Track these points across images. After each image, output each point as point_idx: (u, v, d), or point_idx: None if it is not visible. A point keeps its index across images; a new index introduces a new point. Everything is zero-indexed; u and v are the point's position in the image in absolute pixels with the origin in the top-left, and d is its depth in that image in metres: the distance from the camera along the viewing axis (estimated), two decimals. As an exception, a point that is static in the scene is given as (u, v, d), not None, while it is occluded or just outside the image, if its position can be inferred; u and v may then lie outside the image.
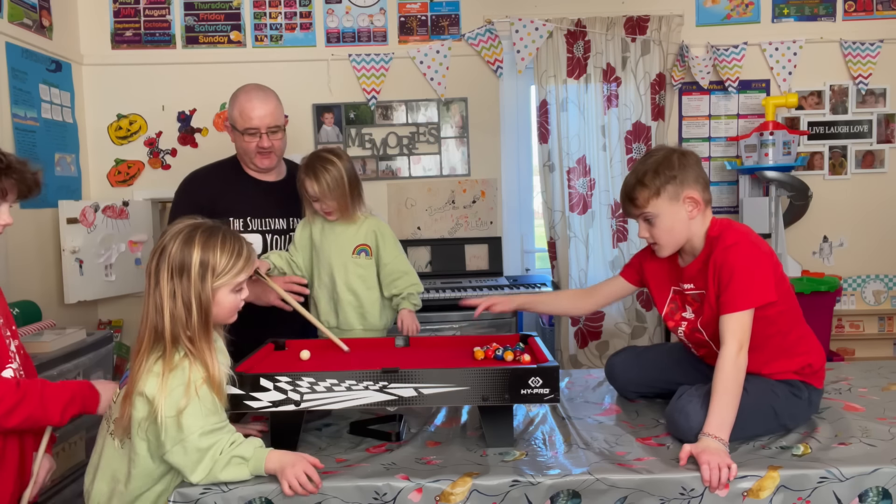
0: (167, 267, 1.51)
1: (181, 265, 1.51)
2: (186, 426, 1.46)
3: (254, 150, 2.35)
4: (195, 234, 1.54)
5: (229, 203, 2.34)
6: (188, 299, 1.50)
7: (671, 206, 1.77)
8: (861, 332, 3.91)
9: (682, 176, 1.76)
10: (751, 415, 1.70)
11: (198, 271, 1.51)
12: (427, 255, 3.79)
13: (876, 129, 3.84)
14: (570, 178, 3.73)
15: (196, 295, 1.51)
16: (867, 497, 1.51)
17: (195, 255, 1.51)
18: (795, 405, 1.76)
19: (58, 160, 3.35)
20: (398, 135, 3.81)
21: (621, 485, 1.50)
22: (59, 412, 1.59)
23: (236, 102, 2.35)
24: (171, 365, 1.49)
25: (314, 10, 3.75)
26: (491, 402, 1.62)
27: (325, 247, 2.24)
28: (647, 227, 1.82)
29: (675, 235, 1.80)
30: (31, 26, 3.17)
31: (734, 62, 3.73)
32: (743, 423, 1.69)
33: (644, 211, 1.79)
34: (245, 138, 2.35)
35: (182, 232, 1.54)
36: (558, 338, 3.74)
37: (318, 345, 2.03)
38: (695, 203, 1.77)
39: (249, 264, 1.59)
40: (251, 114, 2.32)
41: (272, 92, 2.41)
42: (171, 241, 1.53)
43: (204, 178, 2.50)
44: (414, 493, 1.49)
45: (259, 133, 2.33)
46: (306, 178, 2.18)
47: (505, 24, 3.71)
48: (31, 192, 1.65)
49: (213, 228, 1.57)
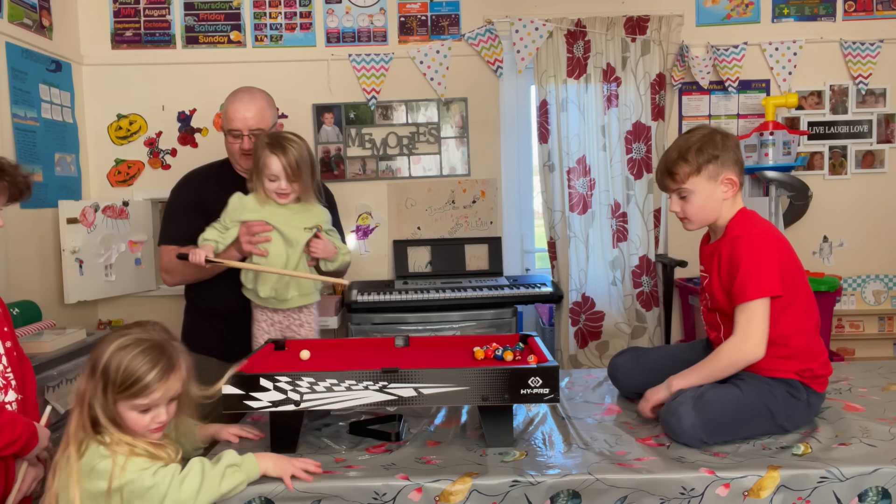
0: (90, 362, 1.48)
1: (93, 365, 1.47)
2: (157, 484, 1.40)
3: (237, 151, 2.35)
4: (120, 337, 1.48)
5: (220, 204, 2.28)
6: (96, 400, 1.45)
7: (708, 185, 1.81)
8: (861, 332, 3.91)
9: (723, 157, 1.81)
10: (747, 415, 1.70)
11: (100, 376, 1.45)
12: (427, 255, 3.79)
13: (876, 129, 3.84)
14: (570, 178, 3.73)
15: (102, 401, 1.45)
16: (867, 497, 1.51)
17: (103, 358, 1.46)
18: (793, 406, 1.75)
19: (58, 160, 3.34)
20: (398, 135, 3.81)
21: (621, 485, 1.50)
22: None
23: (224, 103, 2.38)
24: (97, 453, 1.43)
25: (314, 10, 3.75)
26: (491, 402, 1.62)
27: (275, 222, 2.17)
28: (681, 202, 1.87)
29: (706, 213, 1.85)
30: (31, 26, 3.17)
31: (734, 62, 3.73)
32: (739, 424, 1.69)
33: (682, 186, 1.83)
34: (229, 139, 2.35)
35: (116, 334, 1.50)
36: (558, 338, 3.74)
37: (318, 345, 2.04)
38: (731, 185, 1.82)
39: (157, 390, 1.45)
40: (234, 115, 2.31)
41: (262, 94, 2.41)
42: (104, 338, 1.50)
43: (197, 178, 2.51)
44: (414, 493, 1.49)
45: (241, 135, 2.31)
46: (272, 155, 2.11)
47: (505, 24, 3.71)
48: (23, 195, 1.66)
49: (142, 339, 1.48)
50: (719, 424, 1.68)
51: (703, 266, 1.90)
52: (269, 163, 2.11)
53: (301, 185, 2.16)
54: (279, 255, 2.17)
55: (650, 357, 2.10)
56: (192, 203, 2.42)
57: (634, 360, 2.10)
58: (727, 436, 1.69)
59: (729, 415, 1.69)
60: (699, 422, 1.65)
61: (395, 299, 3.35)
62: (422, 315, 3.33)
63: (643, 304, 3.78)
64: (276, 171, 2.11)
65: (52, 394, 2.55)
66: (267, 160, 2.11)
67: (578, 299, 3.77)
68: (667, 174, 1.86)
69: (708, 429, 1.66)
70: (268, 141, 2.15)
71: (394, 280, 3.68)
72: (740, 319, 1.74)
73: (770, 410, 1.72)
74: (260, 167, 2.14)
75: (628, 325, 3.79)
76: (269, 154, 2.11)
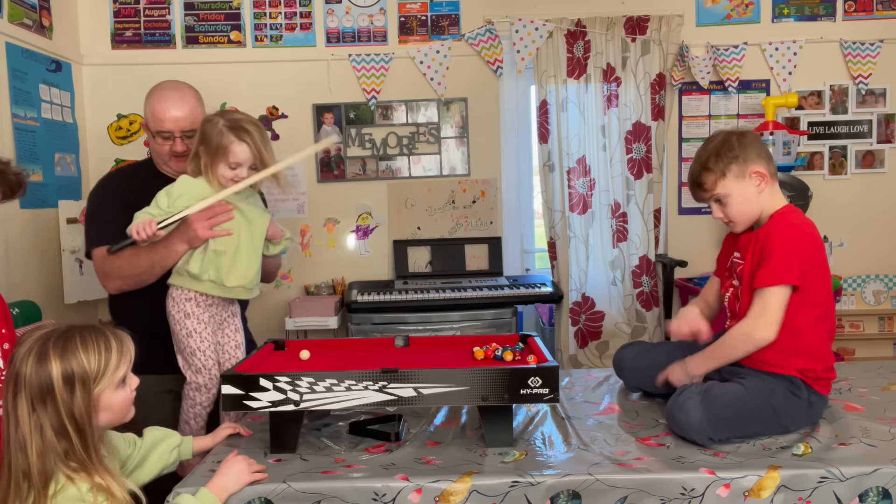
0: (25, 398, 1.27)
1: (41, 389, 1.27)
2: None
3: (167, 153, 2.17)
4: (47, 348, 1.29)
5: (145, 206, 2.06)
6: (60, 425, 1.27)
7: (739, 185, 1.83)
8: (861, 332, 3.91)
9: (743, 154, 1.83)
10: (750, 412, 1.70)
11: (63, 388, 1.27)
12: (427, 255, 3.78)
13: (876, 129, 3.84)
14: (570, 178, 3.73)
15: (69, 416, 1.28)
16: (867, 497, 1.51)
17: (55, 371, 1.27)
18: (795, 404, 1.76)
19: (58, 160, 3.34)
20: (398, 135, 3.81)
21: (621, 485, 1.50)
22: None
23: (149, 101, 2.16)
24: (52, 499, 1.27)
25: (314, 10, 3.75)
26: (490, 402, 1.62)
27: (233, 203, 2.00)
28: (720, 207, 1.88)
29: (747, 211, 1.86)
30: (31, 26, 3.17)
31: (734, 62, 3.73)
32: (744, 420, 1.70)
33: (714, 193, 1.86)
34: (158, 141, 2.17)
35: (32, 350, 1.29)
36: (558, 338, 3.74)
37: (318, 345, 2.04)
38: (761, 176, 1.83)
39: (124, 354, 1.38)
40: (163, 115, 2.13)
41: (191, 90, 2.22)
42: (22, 365, 1.28)
43: (123, 177, 2.32)
44: (413, 493, 1.49)
45: (173, 136, 2.15)
46: (239, 142, 1.94)
47: (505, 24, 3.71)
48: (16, 193, 1.61)
49: (66, 332, 1.33)
50: (725, 419, 1.68)
51: (740, 253, 1.89)
52: (235, 150, 1.94)
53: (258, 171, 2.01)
54: (245, 237, 2.02)
55: (656, 350, 2.10)
56: (117, 204, 2.17)
57: (642, 353, 2.10)
58: (732, 431, 1.69)
59: (734, 410, 1.70)
60: (707, 416, 1.66)
61: (395, 299, 3.35)
62: (422, 315, 3.33)
63: (643, 304, 3.78)
64: (241, 159, 1.95)
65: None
66: (232, 147, 1.93)
67: (578, 299, 3.77)
68: (696, 186, 1.90)
69: (715, 424, 1.67)
70: (227, 125, 1.96)
71: (394, 280, 3.68)
72: (756, 302, 1.77)
73: (773, 408, 1.73)
74: (220, 153, 1.95)
75: (628, 325, 3.79)
76: (236, 141, 1.93)
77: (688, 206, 3.89)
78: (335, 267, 3.81)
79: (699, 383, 1.79)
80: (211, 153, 1.96)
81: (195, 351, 2.00)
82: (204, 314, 2.02)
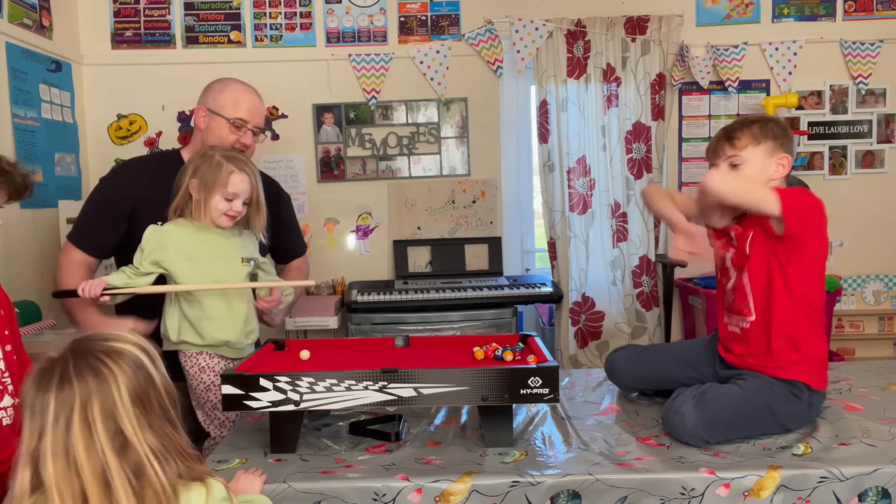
0: (122, 407, 1.03)
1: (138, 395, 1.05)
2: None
3: (232, 143, 2.11)
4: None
5: (163, 203, 1.99)
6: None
7: (763, 160, 1.84)
8: (861, 332, 3.91)
9: (784, 139, 1.85)
10: (749, 413, 1.71)
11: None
12: (427, 255, 3.78)
13: (876, 129, 3.84)
14: (570, 178, 3.73)
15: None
16: (867, 497, 1.51)
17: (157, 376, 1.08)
18: (795, 406, 1.76)
19: (58, 160, 3.34)
20: (398, 135, 3.81)
21: (621, 485, 1.50)
22: None
23: (229, 89, 2.14)
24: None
25: (314, 10, 3.75)
26: (490, 402, 1.62)
27: (205, 255, 1.92)
28: (730, 171, 1.87)
29: None
30: (31, 26, 3.17)
31: (734, 62, 3.73)
32: (741, 422, 1.70)
33: (737, 154, 1.84)
34: (228, 129, 2.10)
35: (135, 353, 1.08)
36: (558, 338, 3.74)
37: (318, 345, 2.03)
38: (784, 166, 1.84)
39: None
40: (245, 104, 2.12)
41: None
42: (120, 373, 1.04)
43: (137, 169, 2.19)
44: (413, 493, 1.49)
45: (246, 127, 2.13)
46: (239, 172, 1.90)
47: (505, 24, 3.71)
48: (21, 195, 1.60)
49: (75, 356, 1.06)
50: (721, 422, 1.68)
51: (742, 225, 1.86)
52: (234, 180, 1.89)
53: (258, 210, 1.98)
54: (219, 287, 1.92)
55: (649, 354, 2.11)
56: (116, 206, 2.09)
57: (634, 356, 2.10)
58: (729, 434, 1.69)
59: (730, 412, 1.69)
60: (701, 420, 1.66)
61: (395, 299, 3.35)
62: (422, 315, 3.33)
63: (643, 304, 3.78)
64: (239, 190, 1.90)
65: (52, 394, 2.55)
66: (232, 177, 1.89)
67: (578, 299, 3.77)
68: (726, 139, 1.87)
69: (710, 428, 1.66)
70: (225, 157, 1.92)
71: (394, 280, 3.68)
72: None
73: (771, 409, 1.72)
74: (217, 185, 1.89)
75: (628, 325, 3.79)
76: (236, 171, 1.90)
77: (688, 206, 3.88)
78: (335, 267, 3.81)
79: (696, 386, 1.78)
80: (206, 186, 1.90)
81: (217, 404, 1.94)
82: (218, 364, 1.97)
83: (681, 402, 1.71)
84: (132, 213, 2.09)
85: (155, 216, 1.97)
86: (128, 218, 2.10)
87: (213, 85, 2.19)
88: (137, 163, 2.31)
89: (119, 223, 2.10)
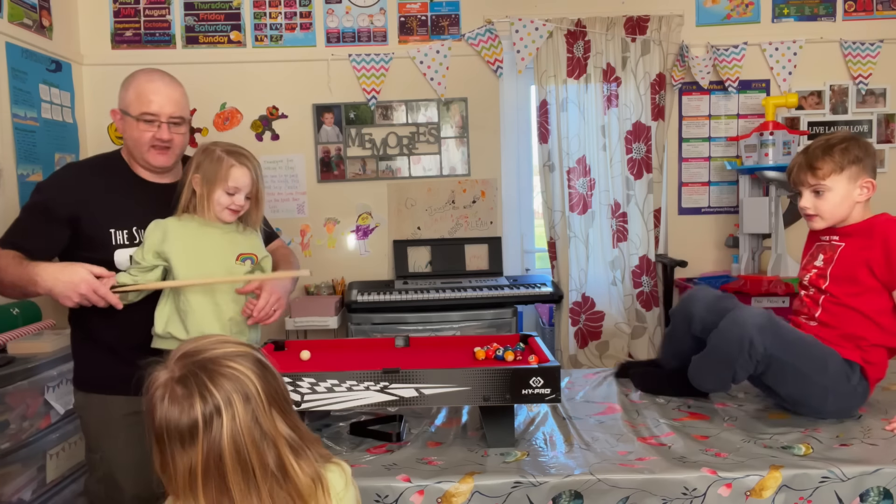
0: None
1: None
2: None
3: (148, 141, 1.92)
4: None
5: (109, 209, 1.90)
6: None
7: (847, 185, 1.85)
8: (861, 332, 3.90)
9: (866, 161, 1.86)
10: (807, 352, 1.78)
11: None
12: (427, 255, 3.78)
13: (876, 129, 3.84)
14: (570, 178, 3.73)
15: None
16: (868, 497, 1.51)
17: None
18: (844, 385, 1.79)
19: (58, 160, 3.34)
20: (398, 135, 3.81)
21: (623, 485, 1.50)
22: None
23: (133, 83, 1.95)
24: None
25: (314, 10, 3.75)
26: (492, 402, 1.62)
27: (202, 250, 1.88)
28: (814, 198, 1.89)
29: (838, 212, 1.89)
30: (31, 26, 3.16)
31: (734, 62, 3.73)
32: (794, 348, 1.77)
33: (821, 183, 1.86)
34: (140, 126, 1.92)
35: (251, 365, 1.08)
36: (558, 338, 3.74)
37: (319, 345, 2.03)
38: (868, 189, 1.86)
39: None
40: (151, 96, 1.92)
41: (176, 80, 2.04)
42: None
43: (80, 174, 2.00)
44: (416, 495, 1.48)
45: (158, 122, 1.92)
46: (240, 166, 1.87)
47: (505, 24, 3.71)
48: None
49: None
50: (779, 338, 1.75)
51: (837, 236, 1.91)
52: (235, 174, 1.87)
53: (256, 204, 1.94)
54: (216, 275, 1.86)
55: (726, 302, 2.03)
56: (59, 213, 1.90)
57: (714, 301, 2.03)
58: (778, 351, 1.74)
59: (792, 336, 1.77)
60: (765, 323, 1.74)
61: (395, 299, 3.35)
62: (422, 315, 3.33)
63: (643, 304, 3.77)
64: (240, 184, 1.88)
65: (52, 394, 2.55)
66: (232, 171, 1.86)
67: (578, 299, 3.77)
68: (808, 169, 1.87)
69: (767, 333, 1.73)
70: (226, 151, 1.88)
71: (394, 280, 3.68)
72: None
73: (826, 365, 1.77)
74: (219, 179, 1.86)
75: (628, 325, 3.79)
76: (237, 165, 1.87)
77: (688, 206, 3.89)
78: (335, 267, 3.80)
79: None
80: (208, 180, 1.87)
81: None
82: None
83: (755, 308, 1.79)
84: (74, 221, 1.92)
85: (110, 218, 1.90)
86: (69, 225, 1.92)
87: (123, 83, 2.00)
88: (79, 169, 2.08)
89: (53, 230, 1.92)
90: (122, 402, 1.92)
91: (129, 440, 1.92)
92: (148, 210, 1.91)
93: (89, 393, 2.00)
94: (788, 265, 3.43)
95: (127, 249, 1.92)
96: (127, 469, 1.94)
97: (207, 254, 1.90)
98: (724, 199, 3.87)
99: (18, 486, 2.39)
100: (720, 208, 3.87)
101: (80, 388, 2.03)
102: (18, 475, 2.40)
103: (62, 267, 1.78)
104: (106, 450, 1.97)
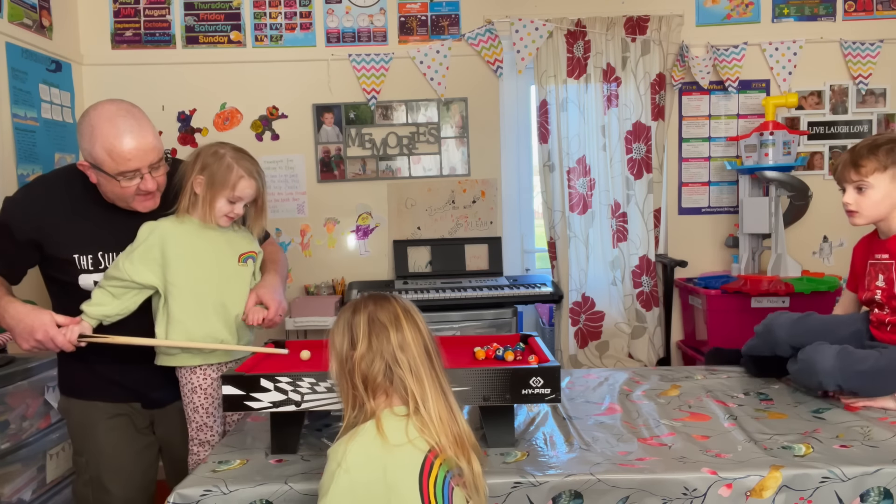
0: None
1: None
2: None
3: (132, 194, 1.81)
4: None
5: (73, 234, 1.84)
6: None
7: (889, 185, 1.90)
8: (861, 332, 3.91)
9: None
10: (885, 369, 1.82)
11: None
12: (427, 255, 3.78)
13: (876, 129, 3.84)
14: (570, 178, 3.73)
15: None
16: (869, 497, 1.51)
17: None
18: None
19: (58, 160, 3.34)
20: (398, 135, 3.81)
21: (623, 485, 1.49)
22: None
23: (98, 138, 1.74)
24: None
25: (314, 10, 3.75)
26: (492, 402, 1.62)
27: (205, 254, 1.87)
28: (856, 195, 1.94)
29: (879, 210, 1.93)
30: (31, 26, 3.16)
31: (734, 62, 3.73)
32: (875, 373, 1.82)
33: (864, 180, 1.91)
34: (121, 182, 1.77)
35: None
36: (558, 338, 3.74)
37: (319, 345, 2.03)
38: None
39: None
40: (126, 154, 1.74)
41: (141, 113, 1.84)
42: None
43: (46, 194, 1.89)
44: (415, 493, 1.48)
45: (141, 173, 1.78)
46: (248, 178, 1.86)
47: (505, 24, 3.71)
48: None
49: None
50: (857, 372, 1.82)
51: (888, 254, 1.95)
52: (242, 185, 1.85)
53: (261, 213, 1.95)
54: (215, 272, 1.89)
55: (810, 321, 2.08)
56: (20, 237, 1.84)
57: (796, 321, 2.08)
58: (864, 382, 1.82)
59: (868, 363, 1.82)
60: (839, 365, 1.81)
61: (395, 299, 3.35)
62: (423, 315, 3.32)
63: (643, 304, 3.78)
64: (245, 196, 1.87)
65: (52, 394, 2.55)
66: (241, 182, 1.85)
67: (578, 299, 3.77)
68: (851, 165, 1.92)
69: (846, 372, 1.81)
70: (235, 158, 1.85)
71: (394, 280, 3.68)
72: None
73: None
74: (225, 186, 1.84)
75: (628, 325, 3.79)
76: (245, 177, 1.85)
77: (688, 206, 3.89)
78: (335, 267, 3.81)
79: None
80: (213, 185, 1.84)
81: (202, 426, 1.92)
82: (210, 386, 1.92)
83: (824, 347, 1.85)
84: (36, 245, 1.87)
85: (62, 248, 1.85)
86: (33, 247, 1.87)
87: (82, 128, 1.79)
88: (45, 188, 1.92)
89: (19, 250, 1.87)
90: (104, 406, 1.94)
91: (114, 442, 1.93)
92: (113, 235, 1.85)
93: (71, 398, 2.01)
94: (788, 265, 3.43)
95: (91, 275, 1.87)
96: (113, 471, 1.95)
97: (208, 257, 1.89)
98: (724, 199, 3.87)
99: (18, 486, 2.39)
100: (720, 208, 3.87)
101: (64, 393, 2.04)
102: (18, 475, 2.40)
103: (29, 310, 1.78)
104: (91, 452, 1.97)
